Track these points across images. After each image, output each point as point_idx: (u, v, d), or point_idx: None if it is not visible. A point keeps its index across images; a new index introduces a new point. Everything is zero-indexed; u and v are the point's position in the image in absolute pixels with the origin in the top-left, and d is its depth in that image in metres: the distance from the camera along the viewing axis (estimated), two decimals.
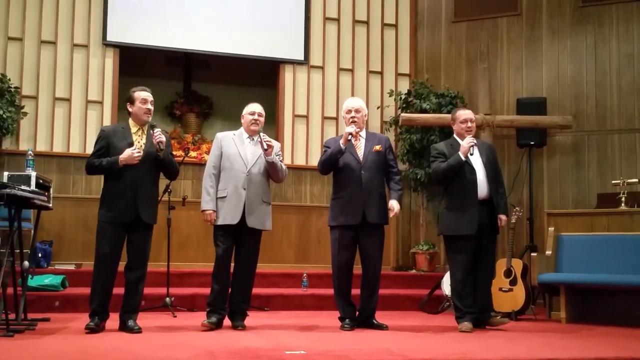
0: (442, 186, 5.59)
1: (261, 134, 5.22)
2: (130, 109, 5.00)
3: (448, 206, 5.45)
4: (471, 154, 5.39)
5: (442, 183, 5.52)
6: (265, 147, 5.15)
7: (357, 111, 5.44)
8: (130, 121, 5.01)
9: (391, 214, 5.41)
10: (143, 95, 4.96)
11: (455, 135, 5.61)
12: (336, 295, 5.44)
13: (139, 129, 4.97)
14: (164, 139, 4.88)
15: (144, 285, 4.99)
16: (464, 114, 5.58)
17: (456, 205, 5.38)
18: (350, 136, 5.29)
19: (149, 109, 4.95)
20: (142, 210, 4.82)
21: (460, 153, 5.35)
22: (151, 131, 4.91)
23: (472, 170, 5.39)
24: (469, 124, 5.52)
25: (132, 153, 4.79)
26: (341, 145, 5.30)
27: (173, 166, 5.06)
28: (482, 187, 5.40)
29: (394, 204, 5.39)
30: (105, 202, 4.87)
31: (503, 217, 5.55)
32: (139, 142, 4.91)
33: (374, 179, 5.38)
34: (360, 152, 5.40)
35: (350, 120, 5.43)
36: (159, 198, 5.20)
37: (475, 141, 5.40)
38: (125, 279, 4.90)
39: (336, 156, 5.32)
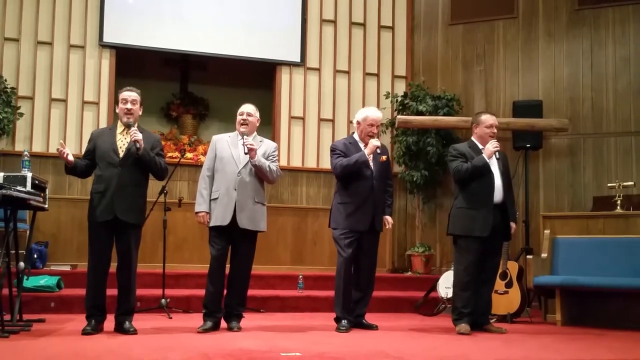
0: (457, 186, 5.59)
1: (245, 136, 5.21)
2: (117, 110, 5.02)
3: (463, 206, 5.46)
4: (498, 158, 5.47)
5: (462, 182, 5.50)
6: (246, 150, 5.14)
7: (378, 126, 5.58)
8: (119, 122, 4.99)
9: (389, 227, 5.63)
10: (123, 95, 4.94)
11: (474, 138, 5.62)
12: (343, 293, 5.38)
13: (124, 129, 4.93)
14: (139, 137, 4.80)
15: (136, 286, 4.96)
16: (490, 118, 5.59)
17: (472, 206, 5.41)
18: (377, 149, 5.41)
19: (128, 109, 4.89)
20: (120, 210, 4.76)
21: (485, 155, 5.40)
22: (127, 129, 4.87)
23: (491, 174, 5.43)
24: (494, 130, 5.55)
25: (57, 148, 4.77)
26: (367, 156, 5.39)
27: (156, 165, 4.94)
28: (498, 191, 5.44)
29: (389, 219, 5.59)
30: (89, 202, 4.87)
31: (514, 225, 5.60)
32: (122, 141, 4.87)
33: (381, 188, 5.52)
34: (371, 161, 5.46)
35: (371, 134, 5.51)
36: (155, 199, 5.17)
37: (499, 146, 5.44)
38: (117, 280, 4.88)
39: (360, 166, 5.40)
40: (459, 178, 5.49)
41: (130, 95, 4.94)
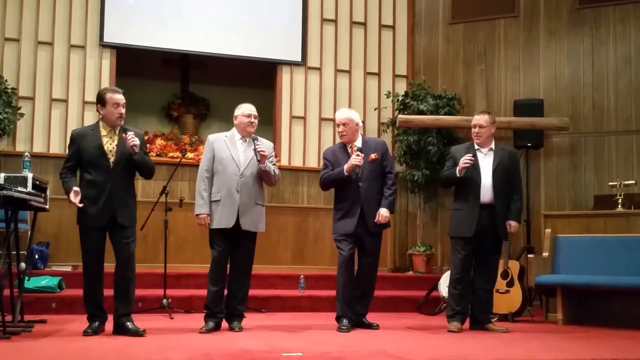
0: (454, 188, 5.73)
1: (255, 142, 5.19)
2: (101, 112, 4.81)
3: (454, 207, 5.62)
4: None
5: (444, 187, 5.82)
6: (259, 157, 5.13)
7: (344, 124, 5.50)
8: (101, 122, 4.83)
9: (380, 220, 5.43)
10: (115, 99, 4.76)
11: None
12: (343, 291, 5.37)
13: (110, 130, 4.80)
14: (137, 142, 4.71)
15: (138, 287, 4.93)
16: (474, 118, 5.65)
17: (460, 208, 5.54)
18: (357, 168, 5.35)
19: (121, 114, 4.76)
20: (119, 213, 4.73)
21: (457, 169, 5.42)
22: (124, 135, 4.74)
23: (479, 175, 5.46)
24: (477, 130, 5.55)
25: (74, 202, 4.72)
26: (345, 173, 5.35)
27: (147, 166, 4.90)
28: (486, 192, 5.46)
29: (381, 212, 5.43)
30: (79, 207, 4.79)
31: (513, 222, 5.56)
32: (110, 144, 4.76)
33: (372, 188, 5.45)
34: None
35: (340, 135, 5.53)
36: (156, 199, 5.16)
37: (470, 162, 5.35)
38: (115, 281, 4.82)
39: (339, 181, 5.42)
40: (440, 184, 5.81)
41: (121, 99, 4.79)
